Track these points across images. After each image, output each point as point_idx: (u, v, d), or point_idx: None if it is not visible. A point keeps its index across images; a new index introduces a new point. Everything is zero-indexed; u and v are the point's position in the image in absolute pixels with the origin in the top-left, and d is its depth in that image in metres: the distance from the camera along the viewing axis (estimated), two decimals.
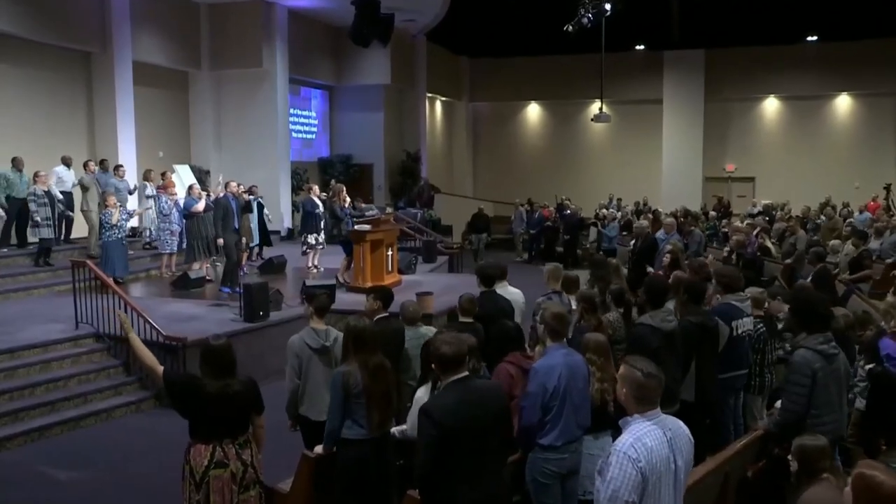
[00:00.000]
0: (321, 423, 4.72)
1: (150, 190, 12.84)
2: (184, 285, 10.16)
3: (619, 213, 17.86)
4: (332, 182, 16.74)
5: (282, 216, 17.02)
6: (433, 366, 3.41)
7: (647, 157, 24.10)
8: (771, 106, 23.77)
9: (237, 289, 9.86)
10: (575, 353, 4.08)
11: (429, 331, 5.59)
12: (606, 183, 23.39)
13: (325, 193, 13.11)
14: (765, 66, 22.24)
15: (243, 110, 17.08)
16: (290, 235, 17.03)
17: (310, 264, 12.23)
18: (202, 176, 16.05)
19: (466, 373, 3.34)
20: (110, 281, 7.87)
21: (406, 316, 5.45)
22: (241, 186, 11.60)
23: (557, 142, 26.01)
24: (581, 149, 25.77)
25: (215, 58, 16.77)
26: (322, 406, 4.71)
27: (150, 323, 7.29)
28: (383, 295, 5.42)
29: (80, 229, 13.11)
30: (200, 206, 10.60)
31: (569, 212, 18.94)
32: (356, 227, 10.28)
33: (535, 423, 3.87)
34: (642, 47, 22.69)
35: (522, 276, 12.79)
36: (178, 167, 14.94)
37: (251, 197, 12.36)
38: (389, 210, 16.23)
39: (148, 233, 12.78)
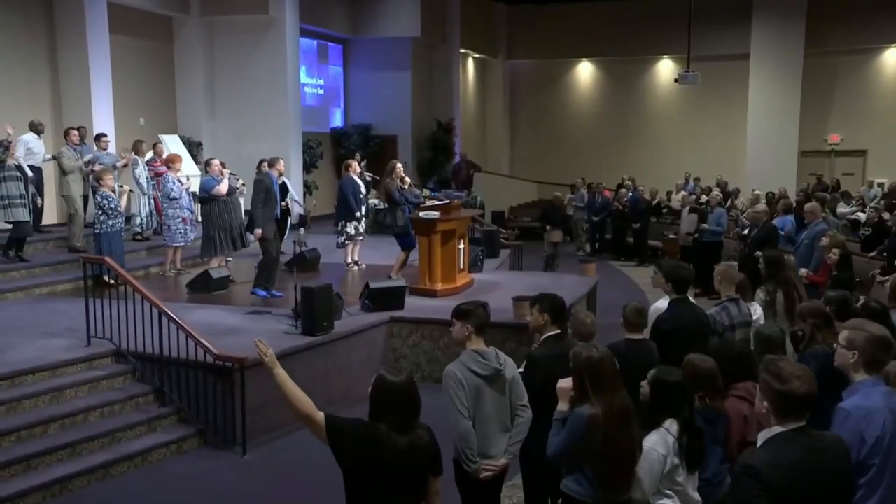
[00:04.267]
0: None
1: (142, 167, 12.29)
2: (204, 287, 9.62)
3: (716, 194, 17.27)
4: (357, 156, 16.25)
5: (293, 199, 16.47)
6: (769, 405, 2.99)
7: (727, 126, 23.64)
8: (891, 59, 23.18)
9: (274, 291, 9.46)
10: (895, 393, 3.60)
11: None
12: (676, 159, 23.00)
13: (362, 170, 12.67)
14: (885, 7, 21.44)
15: (243, 67, 16.65)
16: (304, 223, 16.47)
17: (349, 259, 11.82)
18: (193, 149, 15.55)
19: (804, 422, 3.01)
20: (139, 285, 7.31)
21: (580, 331, 4.93)
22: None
23: (614, 109, 25.64)
24: (644, 117, 25.41)
25: (208, 0, 16.24)
26: (497, 451, 4.33)
27: (194, 338, 6.75)
28: (552, 305, 4.75)
29: (48, 215, 12.60)
30: (223, 187, 10.26)
31: (631, 194, 18.45)
32: (421, 214, 9.78)
33: None
34: None
35: None
36: (165, 138, 14.43)
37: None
38: (426, 192, 15.76)
39: (139, 221, 12.23)
